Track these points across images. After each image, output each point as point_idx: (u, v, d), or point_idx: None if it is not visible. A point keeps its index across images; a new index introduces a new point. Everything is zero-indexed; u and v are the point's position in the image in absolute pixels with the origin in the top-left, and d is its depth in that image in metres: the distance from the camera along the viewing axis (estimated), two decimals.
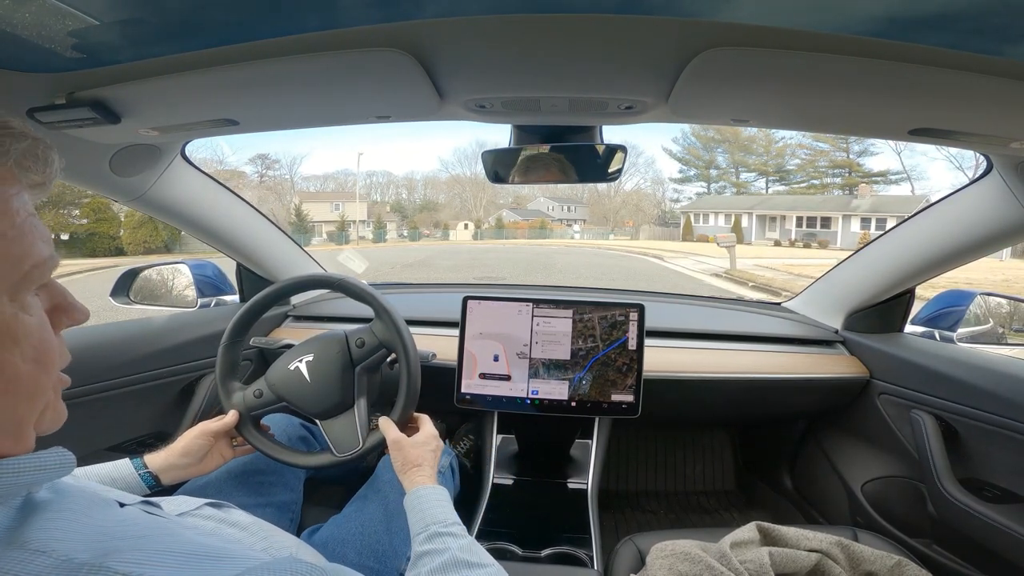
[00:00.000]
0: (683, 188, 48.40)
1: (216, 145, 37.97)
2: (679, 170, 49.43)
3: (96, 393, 1.02)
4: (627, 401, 1.16)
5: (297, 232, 30.84)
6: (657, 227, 42.32)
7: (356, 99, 0.75)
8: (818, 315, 1.46)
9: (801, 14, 0.47)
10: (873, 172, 38.24)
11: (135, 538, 0.34)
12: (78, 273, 12.27)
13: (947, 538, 1.09)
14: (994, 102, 0.60)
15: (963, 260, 1.07)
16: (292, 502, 0.95)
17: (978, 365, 1.05)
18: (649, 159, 61.13)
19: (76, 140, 0.81)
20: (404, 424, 0.88)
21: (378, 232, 37.24)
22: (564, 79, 0.67)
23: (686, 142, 46.69)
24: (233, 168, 40.15)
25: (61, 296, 0.39)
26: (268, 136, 53.60)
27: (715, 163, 45.20)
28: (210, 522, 0.60)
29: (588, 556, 0.99)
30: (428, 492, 0.73)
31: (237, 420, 0.90)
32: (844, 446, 1.40)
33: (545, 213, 43.56)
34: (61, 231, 21.54)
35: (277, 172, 42.90)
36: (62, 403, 0.39)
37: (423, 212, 46.45)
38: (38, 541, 0.30)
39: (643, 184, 51.68)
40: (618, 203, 48.39)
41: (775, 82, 0.62)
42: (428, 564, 0.61)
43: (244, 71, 0.62)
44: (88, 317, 0.41)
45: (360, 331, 0.93)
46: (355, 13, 0.51)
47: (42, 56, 0.57)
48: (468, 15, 0.52)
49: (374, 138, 65.01)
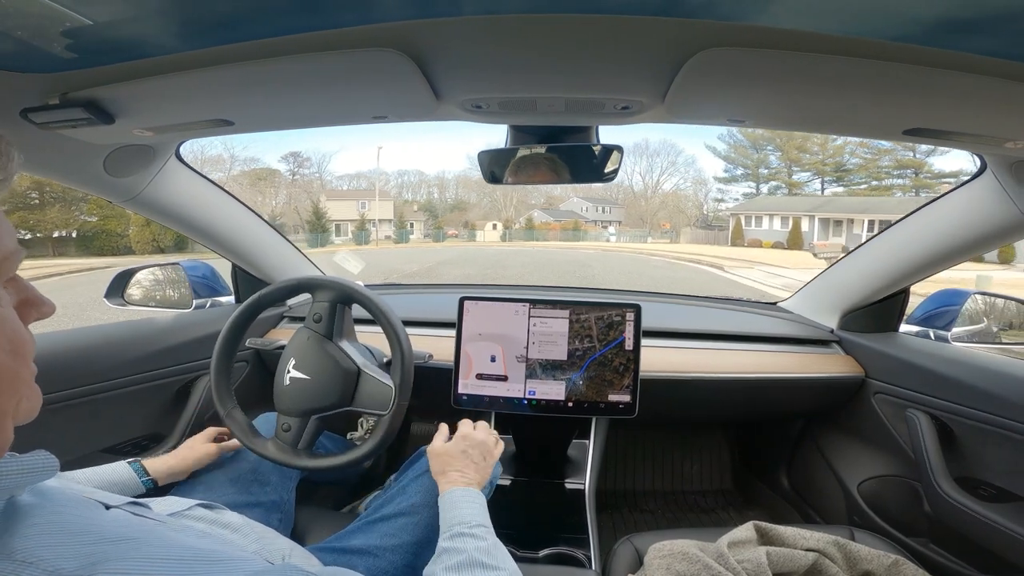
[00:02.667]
0: (728, 188, 44.96)
1: (252, 142, 37.87)
2: (724, 169, 45.26)
3: (91, 395, 1.01)
4: (624, 401, 1.16)
5: (315, 231, 30.16)
6: (699, 230, 39.49)
7: (352, 99, 0.75)
8: (813, 315, 1.47)
9: (796, 15, 0.47)
10: (945, 172, 34.29)
11: (123, 542, 0.33)
12: (82, 272, 12.09)
13: (943, 537, 1.09)
14: (988, 102, 0.60)
15: (957, 260, 1.07)
16: (283, 502, 0.95)
17: (973, 364, 1.06)
18: (689, 158, 59.52)
19: (70, 140, 0.81)
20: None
21: (401, 232, 36.01)
22: (560, 79, 0.67)
23: (733, 140, 42.54)
24: (266, 166, 40.15)
25: (28, 290, 0.39)
26: (299, 133, 53.16)
27: (765, 162, 41.24)
28: (201, 523, 0.60)
29: (586, 556, 0.99)
30: (458, 494, 0.76)
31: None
32: (840, 445, 1.41)
33: (578, 214, 41.98)
34: (70, 228, 21.43)
35: (309, 170, 42.61)
36: (36, 388, 0.39)
37: (453, 212, 45.18)
38: (25, 551, 0.30)
39: (683, 184, 49.65)
40: (656, 204, 46.67)
41: (770, 82, 0.62)
42: (445, 562, 0.63)
43: (239, 71, 0.62)
44: (55, 311, 0.41)
45: (312, 308, 0.96)
46: (350, 13, 0.51)
47: (36, 56, 0.56)
48: (464, 15, 0.52)
49: (403, 136, 63.14)
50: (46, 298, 0.40)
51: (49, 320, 0.44)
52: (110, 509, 0.41)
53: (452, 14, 0.51)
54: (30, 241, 21.86)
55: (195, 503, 0.63)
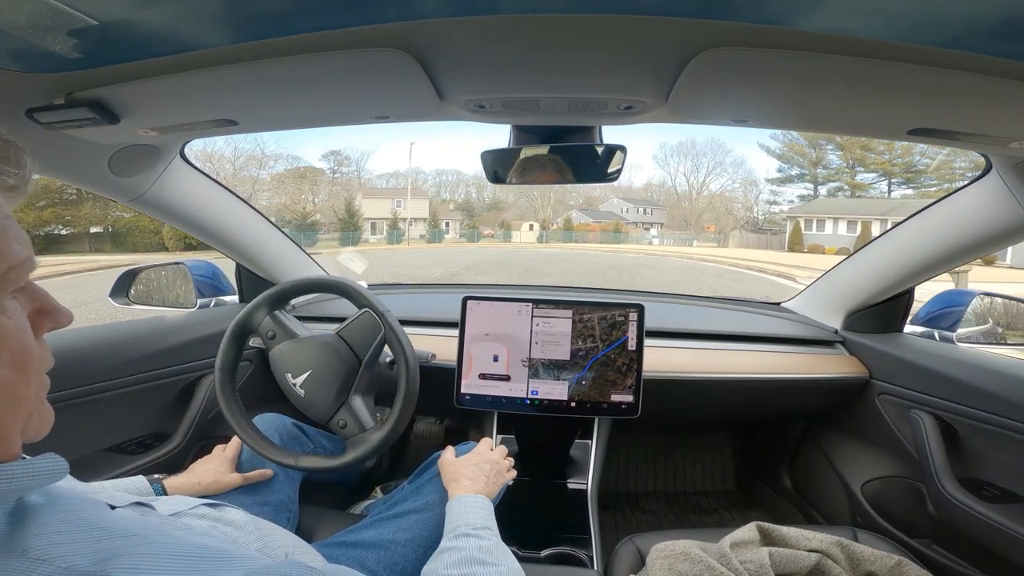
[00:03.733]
0: (782, 190, 40.42)
1: (292, 142, 37.81)
2: (777, 169, 41.03)
3: (96, 394, 1.02)
4: (627, 401, 1.16)
5: (346, 229, 29.82)
6: (750, 233, 36.28)
7: (355, 99, 0.75)
8: (818, 315, 1.46)
9: (800, 15, 0.47)
10: None
11: (132, 538, 0.33)
12: (115, 268, 12.04)
13: (947, 538, 1.09)
14: (993, 102, 0.60)
15: (962, 260, 1.07)
16: (289, 501, 0.96)
17: (977, 365, 1.05)
18: (738, 159, 55.40)
19: (75, 140, 0.81)
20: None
21: (434, 231, 34.65)
22: (563, 79, 0.67)
23: (788, 137, 37.70)
24: (309, 164, 40.09)
25: (43, 299, 0.38)
26: (338, 132, 52.40)
27: (824, 161, 36.64)
28: (204, 521, 0.60)
29: (588, 556, 0.99)
30: (465, 499, 0.78)
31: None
32: (844, 446, 1.40)
33: (618, 215, 40.21)
34: (105, 224, 21.52)
35: (348, 169, 42.21)
36: (48, 406, 0.38)
37: (489, 211, 43.87)
38: (37, 548, 0.30)
39: (731, 185, 45.61)
40: (701, 206, 43.09)
41: (774, 82, 0.62)
42: (446, 560, 0.65)
43: (243, 71, 0.62)
44: (72, 320, 0.40)
45: (266, 326, 0.97)
46: (354, 13, 0.51)
47: (41, 56, 0.57)
48: (468, 15, 0.52)
49: (439, 134, 61.84)
50: (62, 307, 0.39)
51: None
52: (115, 509, 0.41)
53: (456, 14, 0.51)
54: (67, 237, 22.22)
55: (200, 502, 0.63)
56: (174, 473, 0.88)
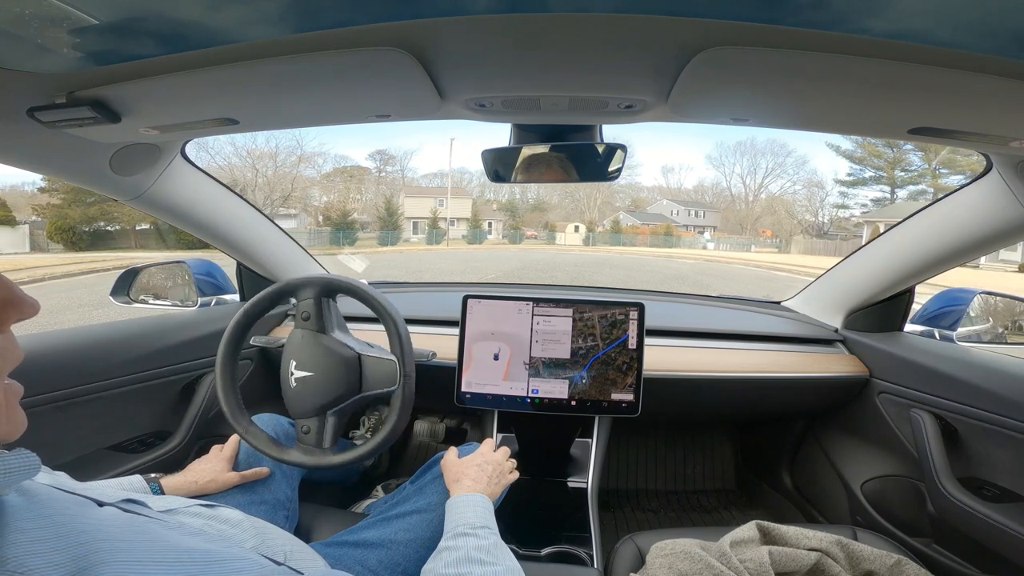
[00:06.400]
0: (854, 192, 36.42)
1: (334, 140, 37.97)
2: (848, 171, 36.81)
3: (97, 392, 1.02)
4: (627, 400, 1.16)
5: (385, 228, 29.14)
6: (815, 239, 33.80)
7: (356, 98, 0.75)
8: (818, 314, 1.46)
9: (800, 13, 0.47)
10: None
11: (114, 542, 0.32)
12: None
13: (947, 537, 1.09)
14: (994, 101, 0.60)
15: (963, 259, 1.07)
16: (287, 500, 0.96)
17: (978, 364, 1.05)
18: (800, 158, 50.02)
19: (76, 139, 0.81)
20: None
21: (475, 231, 32.90)
22: (564, 78, 0.67)
23: (860, 138, 33.34)
24: (356, 164, 40.46)
25: (6, 290, 0.35)
26: (383, 130, 50.46)
27: (903, 162, 33.20)
28: (198, 519, 0.60)
29: (588, 555, 0.99)
30: (464, 498, 0.79)
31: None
32: (844, 445, 1.40)
33: (668, 217, 38.25)
34: (150, 222, 21.44)
35: (393, 168, 42.23)
36: (19, 410, 0.35)
37: (533, 212, 42.32)
38: (14, 560, 0.29)
39: (791, 187, 42.48)
40: (758, 209, 40.32)
41: (775, 81, 0.62)
42: (445, 558, 0.65)
43: (244, 71, 0.62)
44: (38, 310, 0.37)
45: (299, 307, 0.96)
46: (355, 12, 0.51)
47: (42, 55, 0.57)
48: (468, 14, 0.52)
49: (482, 131, 60.46)
50: (28, 297, 0.36)
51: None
52: (103, 506, 0.40)
53: (456, 13, 0.51)
54: (114, 233, 22.29)
55: (194, 501, 0.63)
56: (175, 472, 0.88)
